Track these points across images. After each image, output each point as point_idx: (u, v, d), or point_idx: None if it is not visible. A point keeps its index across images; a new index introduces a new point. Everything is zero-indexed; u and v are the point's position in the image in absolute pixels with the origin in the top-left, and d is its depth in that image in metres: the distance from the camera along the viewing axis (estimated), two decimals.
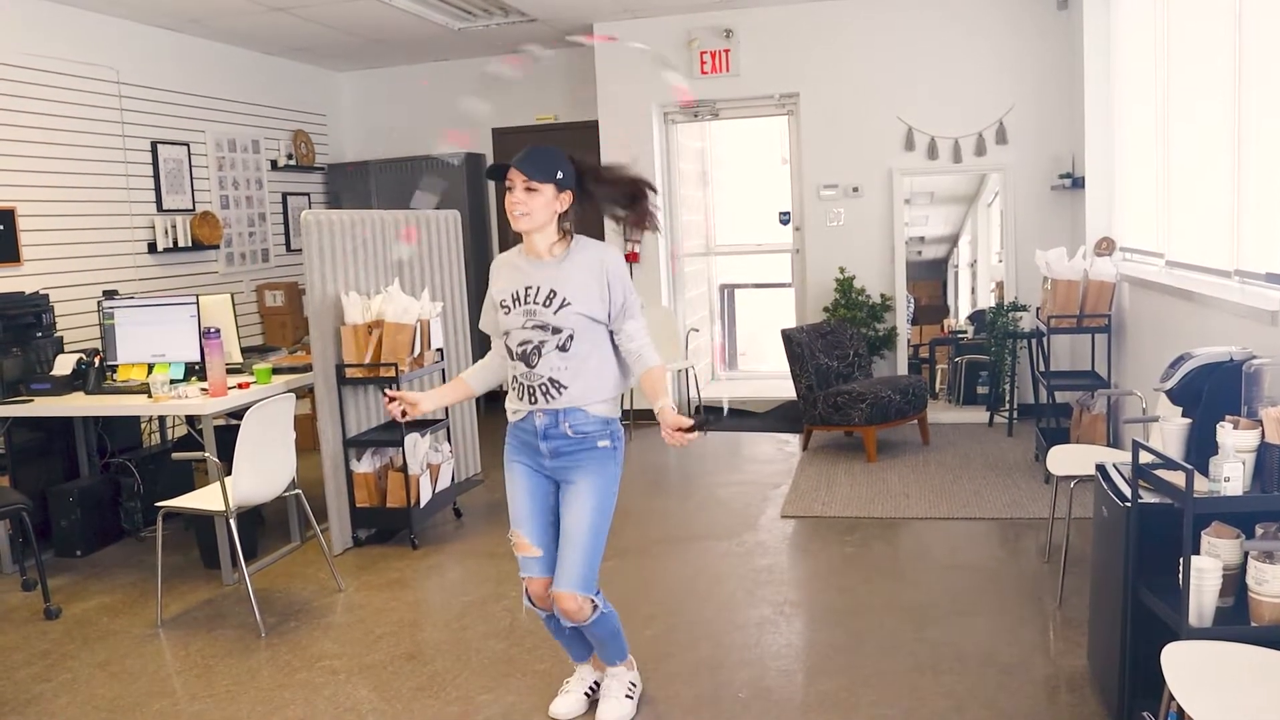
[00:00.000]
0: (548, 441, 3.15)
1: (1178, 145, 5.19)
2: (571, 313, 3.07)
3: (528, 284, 3.12)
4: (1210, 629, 2.63)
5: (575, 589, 3.11)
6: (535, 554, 3.21)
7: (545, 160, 3.06)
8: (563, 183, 3.07)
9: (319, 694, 3.69)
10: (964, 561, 4.72)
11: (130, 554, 5.46)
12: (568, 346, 3.09)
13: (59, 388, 5.25)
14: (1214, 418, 2.90)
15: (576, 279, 3.10)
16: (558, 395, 3.10)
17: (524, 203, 3.04)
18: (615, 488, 3.22)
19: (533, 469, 3.22)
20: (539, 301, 3.09)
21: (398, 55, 8.94)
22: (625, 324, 3.15)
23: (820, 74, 7.74)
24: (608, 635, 3.32)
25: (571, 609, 3.13)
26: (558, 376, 3.10)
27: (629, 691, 3.43)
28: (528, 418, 3.17)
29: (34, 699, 3.76)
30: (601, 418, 3.16)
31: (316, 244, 5.12)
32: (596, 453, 3.15)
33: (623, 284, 3.14)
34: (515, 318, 3.13)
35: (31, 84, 6.24)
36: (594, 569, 3.16)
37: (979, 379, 7.73)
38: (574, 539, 3.14)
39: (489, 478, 6.60)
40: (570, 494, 3.17)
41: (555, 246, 3.13)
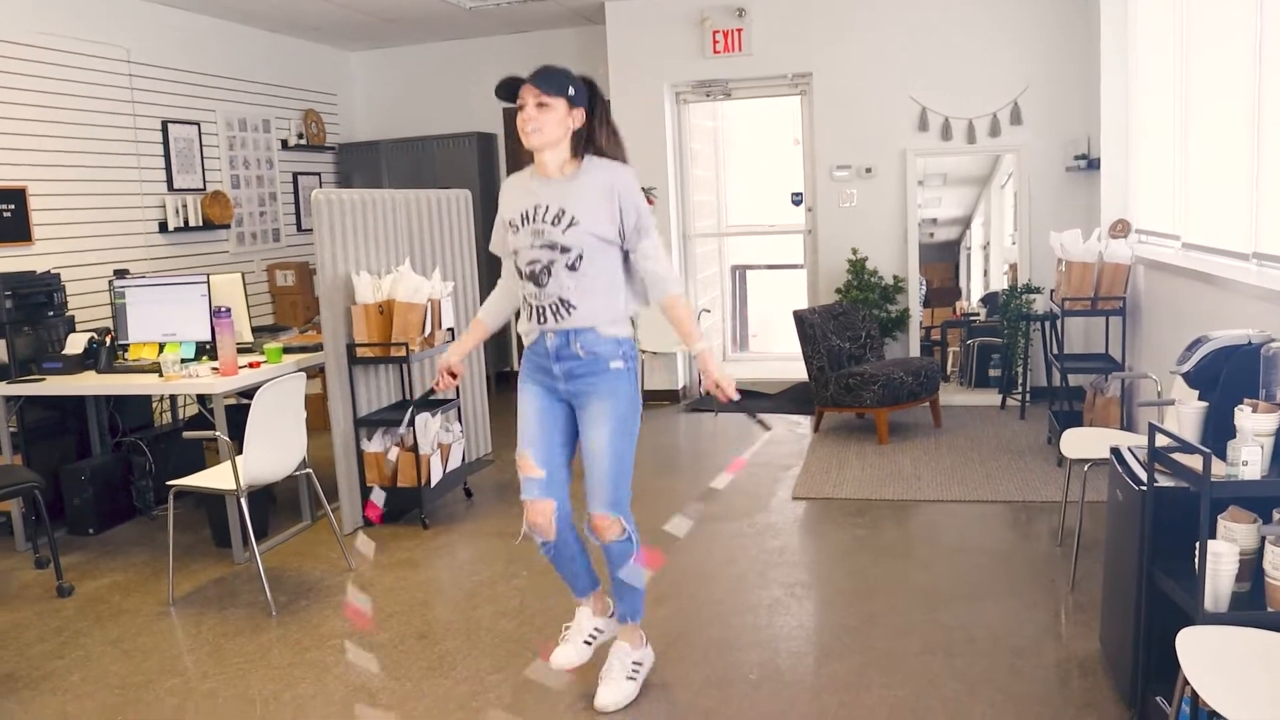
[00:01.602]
0: (561, 363, 3.13)
1: (1195, 126, 5.14)
2: (580, 232, 3.05)
3: (536, 203, 3.10)
4: (1226, 614, 2.61)
5: (605, 510, 3.12)
6: (538, 475, 3.19)
7: (557, 76, 3.04)
8: (575, 99, 3.05)
9: (329, 672, 3.70)
10: (975, 544, 4.70)
11: (142, 532, 5.48)
12: (577, 266, 3.06)
13: (70, 367, 5.26)
14: (1231, 401, 2.87)
15: (586, 198, 3.07)
16: (567, 315, 3.09)
17: (535, 118, 3.02)
18: (635, 408, 3.19)
19: (546, 391, 3.21)
20: (547, 220, 3.07)
21: (409, 34, 8.91)
22: (640, 242, 3.12)
23: (833, 54, 7.68)
24: (625, 564, 3.26)
25: (603, 525, 3.15)
26: (567, 296, 3.08)
27: (631, 673, 3.37)
28: (540, 339, 3.16)
29: (47, 675, 3.78)
30: (614, 338, 3.13)
31: (327, 223, 5.10)
32: (610, 374, 3.13)
33: (634, 203, 3.11)
34: (523, 237, 3.11)
35: (42, 63, 6.23)
36: (621, 491, 3.14)
37: (991, 362, 7.70)
38: (598, 463, 3.12)
39: (499, 458, 6.60)
40: (587, 418, 3.15)
41: (566, 165, 3.11)
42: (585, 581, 3.44)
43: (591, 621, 3.47)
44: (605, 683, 3.35)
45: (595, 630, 3.47)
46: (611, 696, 3.31)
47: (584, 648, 3.44)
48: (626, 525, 3.17)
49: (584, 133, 3.11)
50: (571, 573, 3.39)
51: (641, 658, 3.44)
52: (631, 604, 3.37)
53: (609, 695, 3.31)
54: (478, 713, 3.35)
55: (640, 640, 3.45)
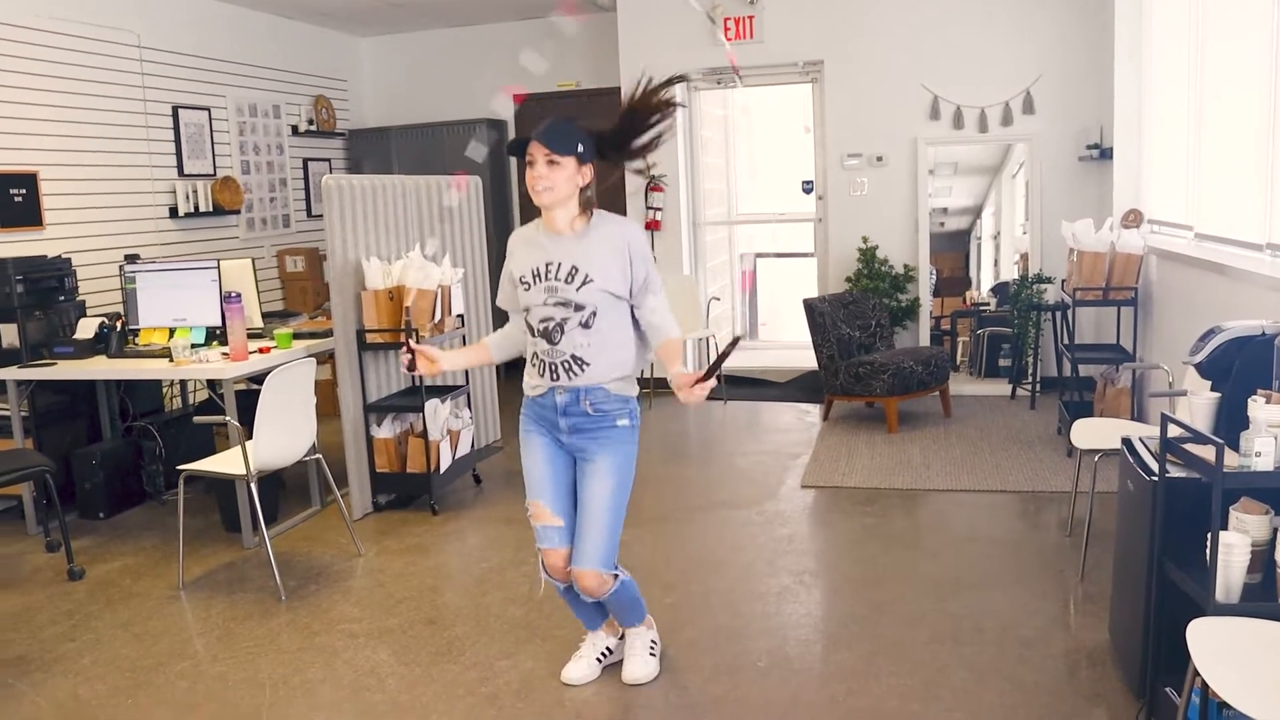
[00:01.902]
0: (568, 418, 3.13)
1: (1209, 116, 5.11)
2: (594, 289, 3.04)
3: (548, 260, 3.08)
4: (1237, 605, 2.60)
5: (597, 567, 3.13)
6: (556, 524, 3.20)
7: (566, 132, 3.02)
8: (584, 156, 3.03)
9: (338, 657, 3.71)
10: (984, 534, 4.70)
11: (152, 517, 5.50)
12: (590, 323, 3.06)
13: (81, 351, 5.28)
14: (1244, 392, 2.86)
15: (598, 255, 3.06)
16: (580, 372, 3.08)
17: (546, 177, 3.00)
18: (633, 466, 3.22)
19: (551, 440, 3.21)
20: (560, 278, 3.05)
21: (419, 20, 8.90)
22: (647, 299, 3.12)
23: (845, 41, 7.65)
24: (627, 603, 3.34)
25: (593, 586, 3.16)
26: (580, 353, 3.07)
27: (651, 649, 3.46)
28: (548, 394, 3.15)
29: (59, 658, 3.80)
30: (621, 396, 3.15)
31: (338, 209, 5.10)
32: (615, 431, 3.14)
33: (644, 259, 3.11)
34: (536, 294, 3.09)
35: (53, 48, 6.24)
36: (614, 547, 3.18)
37: (1001, 351, 7.68)
38: (594, 517, 3.13)
39: (508, 445, 6.60)
40: (589, 471, 3.16)
41: (576, 221, 3.10)
42: (596, 616, 3.48)
43: (604, 641, 3.53)
44: (630, 659, 3.43)
45: (607, 649, 3.52)
46: (640, 670, 3.40)
47: (595, 665, 3.49)
48: (616, 573, 3.21)
49: (591, 188, 3.11)
50: (583, 610, 3.42)
51: (655, 638, 3.53)
52: (636, 616, 3.45)
53: (638, 670, 3.40)
54: (486, 698, 3.36)
55: (651, 624, 3.54)
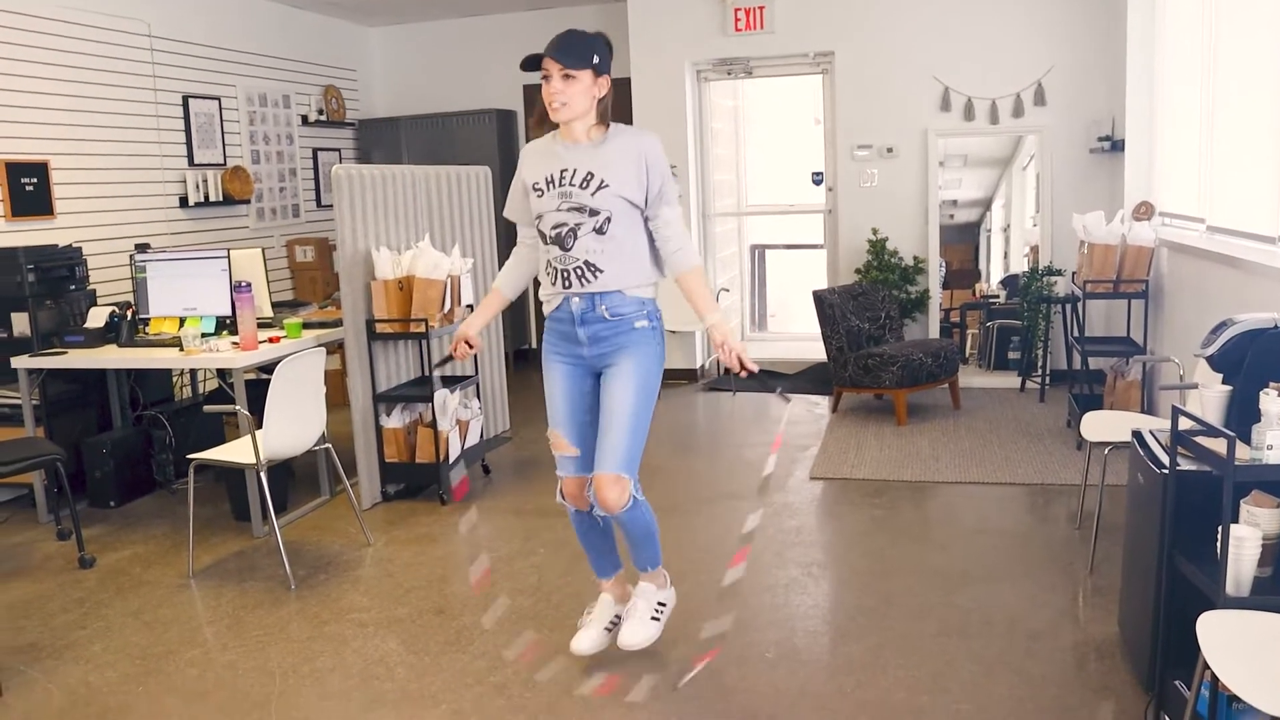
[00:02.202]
0: (585, 327, 3.12)
1: (1222, 108, 5.08)
2: (610, 194, 3.03)
3: (563, 166, 3.08)
4: (1247, 598, 2.59)
5: (618, 469, 3.06)
6: (573, 453, 3.19)
7: (580, 46, 3.00)
8: (599, 67, 3.01)
9: (348, 646, 3.72)
10: (993, 527, 4.69)
11: (162, 505, 5.52)
12: (605, 229, 3.05)
13: (92, 340, 5.30)
14: (1255, 385, 2.85)
15: (615, 162, 3.05)
16: (593, 279, 3.07)
17: (562, 92, 2.99)
18: (658, 368, 3.17)
19: (572, 365, 3.19)
20: (575, 183, 3.05)
21: (429, 10, 8.89)
22: (661, 209, 3.11)
23: (856, 32, 7.62)
24: (641, 534, 3.25)
25: (613, 494, 3.07)
26: (593, 259, 3.06)
27: (656, 612, 3.37)
28: (563, 304, 3.14)
29: (70, 645, 3.82)
30: (638, 298, 3.12)
31: (347, 199, 5.11)
32: (635, 333, 3.12)
33: (660, 169, 3.09)
34: (550, 200, 3.08)
35: (64, 37, 6.25)
36: (636, 452, 3.11)
37: (1010, 344, 7.66)
38: (615, 419, 3.09)
39: (518, 435, 6.61)
40: (611, 375, 3.13)
41: (593, 131, 3.09)
42: (609, 560, 3.43)
43: (613, 608, 3.47)
44: (629, 620, 3.34)
45: (616, 617, 3.46)
46: (636, 635, 3.31)
47: (604, 634, 3.43)
48: (633, 490, 3.12)
49: (608, 98, 3.09)
50: (597, 549, 3.38)
51: (666, 598, 3.43)
52: (650, 553, 3.34)
53: (634, 634, 3.31)
54: (495, 688, 3.37)
55: (664, 581, 3.44)
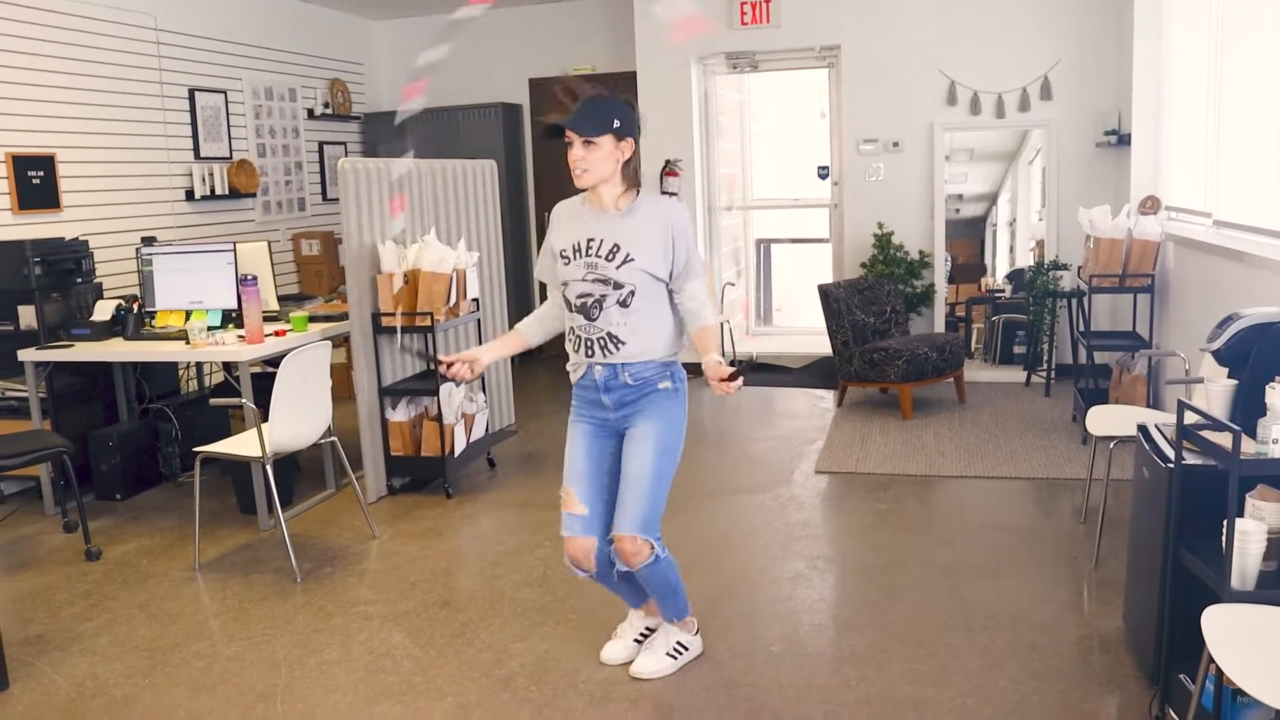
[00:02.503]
0: (610, 394, 3.11)
1: (1228, 103, 5.07)
2: (634, 269, 3.01)
3: (590, 236, 3.05)
4: (1252, 592, 2.60)
5: (634, 531, 3.05)
6: (580, 512, 3.15)
7: (599, 112, 2.95)
8: (621, 131, 2.97)
9: (354, 639, 3.73)
10: (998, 521, 4.69)
11: (168, 498, 5.53)
12: (628, 303, 3.03)
13: (99, 333, 5.31)
14: (1262, 379, 2.84)
15: (641, 234, 3.02)
16: (615, 350, 3.06)
17: (583, 158, 2.96)
18: (680, 430, 3.16)
19: (596, 428, 3.17)
20: (601, 255, 3.03)
21: (434, 3, 8.88)
22: (687, 284, 3.08)
23: (862, 26, 7.61)
24: (662, 588, 3.25)
25: (629, 550, 3.07)
26: (616, 332, 3.05)
27: (674, 651, 3.37)
28: (588, 373, 3.13)
29: (76, 637, 3.83)
30: (662, 361, 3.11)
31: (353, 193, 5.11)
32: (658, 394, 3.11)
33: (686, 243, 3.07)
34: (575, 269, 3.07)
35: (71, 30, 6.25)
36: (655, 512, 3.10)
37: (1016, 338, 7.66)
38: (634, 479, 3.08)
39: (523, 429, 6.62)
40: (633, 436, 3.12)
41: (621, 199, 3.06)
42: (636, 595, 3.42)
43: (644, 621, 3.48)
44: (646, 652, 3.37)
45: (647, 629, 3.47)
46: (648, 665, 3.33)
47: (634, 645, 3.44)
48: (655, 546, 3.12)
49: (635, 161, 3.04)
50: (622, 590, 3.38)
51: (689, 643, 3.43)
52: (673, 607, 3.35)
53: (646, 664, 3.33)
54: (500, 681, 3.38)
55: (691, 628, 3.45)
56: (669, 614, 3.37)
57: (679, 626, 3.41)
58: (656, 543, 3.13)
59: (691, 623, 3.45)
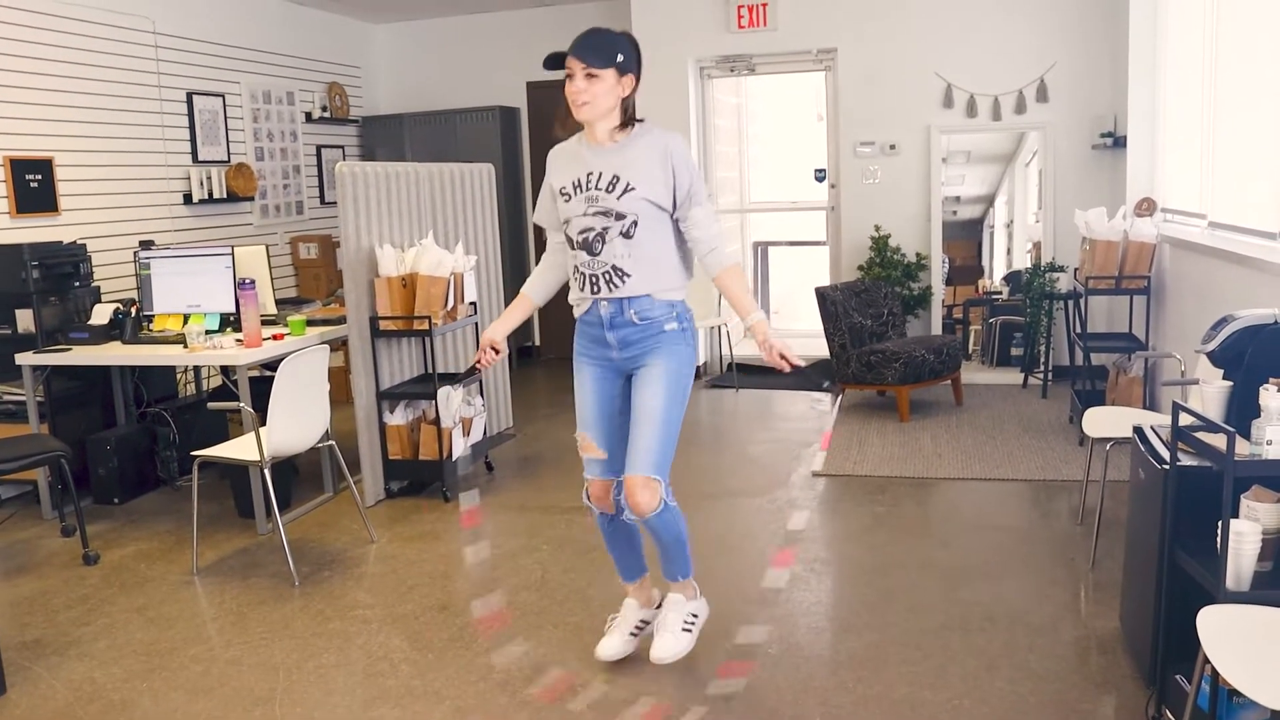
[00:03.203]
0: (614, 331, 3.09)
1: (1224, 105, 5.08)
2: (635, 197, 2.99)
3: (589, 170, 3.04)
4: (1247, 593, 2.60)
5: (649, 471, 3.02)
6: (601, 456, 3.16)
7: (604, 44, 2.96)
8: (624, 66, 2.97)
9: (352, 643, 3.73)
10: (996, 522, 4.70)
11: (166, 502, 5.54)
12: (631, 233, 3.01)
13: (96, 337, 5.31)
14: (1256, 381, 2.85)
15: (640, 164, 3.01)
16: (621, 284, 3.03)
17: (585, 90, 2.95)
18: (689, 370, 3.13)
19: (602, 368, 3.16)
20: (601, 187, 3.01)
21: (432, 7, 8.90)
22: (692, 210, 3.06)
23: (858, 29, 7.62)
24: (672, 540, 3.20)
25: (644, 498, 3.02)
26: (621, 264, 3.02)
27: (687, 624, 3.32)
28: (592, 308, 3.11)
29: (74, 641, 3.83)
30: (667, 301, 3.09)
31: (351, 196, 5.12)
32: (665, 335, 3.08)
33: (688, 168, 3.04)
34: (576, 204, 3.05)
35: (69, 34, 6.26)
36: (667, 454, 3.08)
37: (1013, 340, 7.67)
38: (646, 422, 3.05)
39: (521, 432, 6.62)
40: (641, 378, 3.10)
41: (617, 132, 3.05)
42: (635, 563, 3.38)
43: (638, 613, 3.44)
44: (661, 634, 3.29)
45: (641, 622, 3.43)
46: (669, 648, 3.26)
47: (630, 639, 3.41)
48: (664, 493, 3.08)
49: (634, 97, 3.06)
50: (622, 551, 3.34)
51: (697, 609, 3.39)
52: (680, 564, 3.30)
53: (666, 647, 3.26)
54: (498, 684, 3.38)
55: (694, 592, 3.39)
56: (674, 571, 3.30)
57: (681, 592, 3.34)
58: (666, 490, 3.09)
59: (693, 585, 3.39)
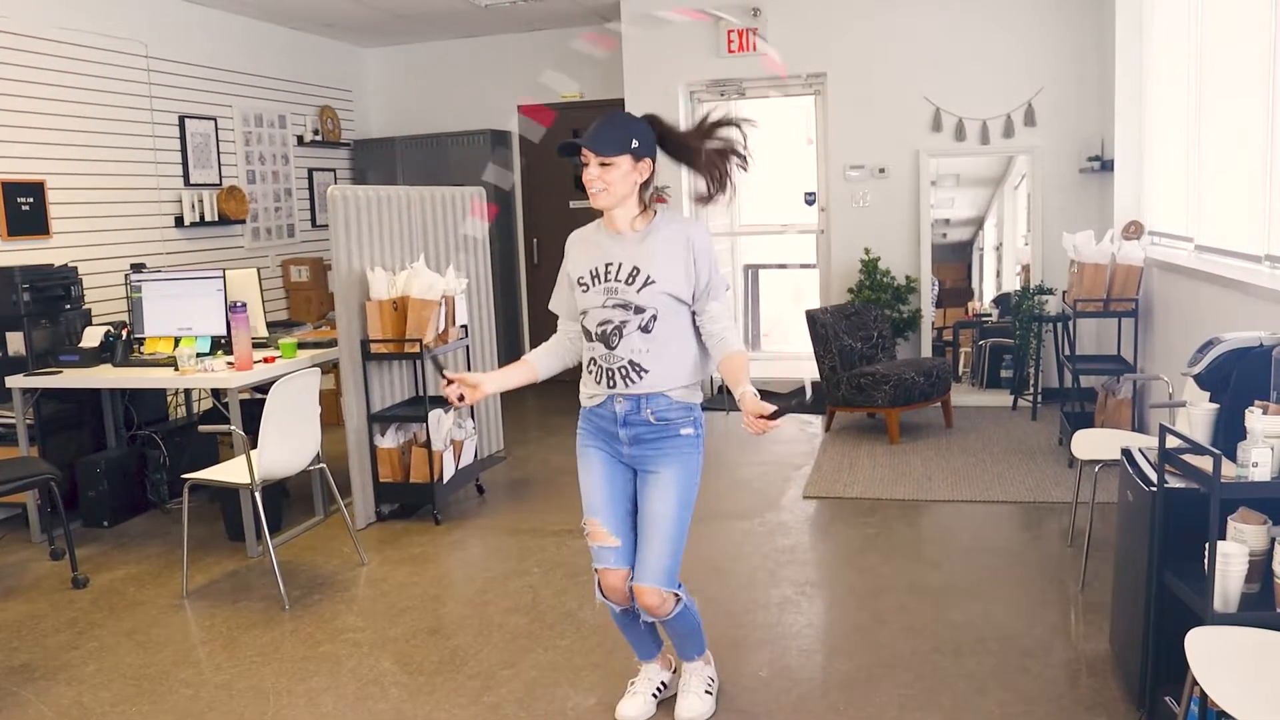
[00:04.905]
0: (628, 429, 2.98)
1: (1209, 128, 5.13)
2: (655, 291, 2.90)
3: (608, 260, 2.95)
4: (1235, 614, 2.62)
5: (659, 584, 2.97)
6: (614, 544, 3.04)
7: (617, 131, 2.87)
8: (639, 151, 2.88)
9: (342, 666, 3.72)
10: (986, 544, 4.71)
11: (156, 525, 5.52)
12: (650, 327, 2.92)
13: (87, 360, 5.30)
14: (1242, 403, 2.88)
15: (660, 255, 2.92)
16: (638, 379, 2.93)
17: (600, 178, 2.86)
18: (698, 477, 3.06)
19: (609, 455, 3.06)
20: (620, 279, 2.92)
21: (424, 31, 8.94)
22: (709, 304, 2.98)
23: (848, 54, 7.68)
24: (688, 630, 3.19)
25: (654, 604, 3.00)
26: (639, 359, 2.93)
27: (708, 687, 3.30)
28: (606, 403, 3.00)
29: (63, 666, 3.82)
30: (684, 404, 2.99)
31: (343, 219, 5.13)
32: (679, 440, 2.99)
33: (708, 261, 2.97)
34: (594, 296, 2.95)
35: (61, 57, 6.28)
36: (677, 562, 3.02)
37: (1003, 362, 7.69)
38: (657, 531, 2.99)
39: (511, 455, 6.62)
40: (652, 484, 3.01)
41: (637, 221, 2.96)
42: (651, 645, 3.33)
43: (659, 675, 3.37)
44: (685, 695, 3.26)
45: (662, 684, 3.37)
46: (694, 709, 3.22)
47: (651, 700, 3.32)
48: (680, 593, 3.06)
49: (652, 182, 2.98)
50: (638, 637, 3.28)
51: (713, 674, 3.37)
52: (696, 646, 3.29)
53: (693, 707, 3.23)
54: (489, 708, 3.38)
55: (709, 659, 3.38)
56: (690, 653, 3.29)
57: (700, 661, 3.33)
58: (680, 590, 3.07)
59: (708, 655, 3.38)
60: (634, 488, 3.08)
